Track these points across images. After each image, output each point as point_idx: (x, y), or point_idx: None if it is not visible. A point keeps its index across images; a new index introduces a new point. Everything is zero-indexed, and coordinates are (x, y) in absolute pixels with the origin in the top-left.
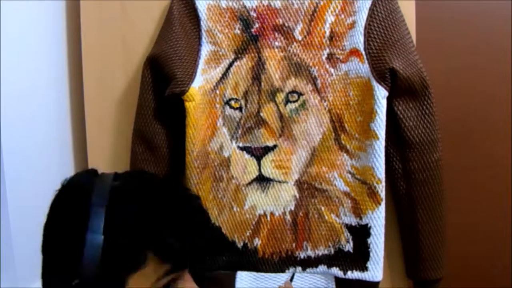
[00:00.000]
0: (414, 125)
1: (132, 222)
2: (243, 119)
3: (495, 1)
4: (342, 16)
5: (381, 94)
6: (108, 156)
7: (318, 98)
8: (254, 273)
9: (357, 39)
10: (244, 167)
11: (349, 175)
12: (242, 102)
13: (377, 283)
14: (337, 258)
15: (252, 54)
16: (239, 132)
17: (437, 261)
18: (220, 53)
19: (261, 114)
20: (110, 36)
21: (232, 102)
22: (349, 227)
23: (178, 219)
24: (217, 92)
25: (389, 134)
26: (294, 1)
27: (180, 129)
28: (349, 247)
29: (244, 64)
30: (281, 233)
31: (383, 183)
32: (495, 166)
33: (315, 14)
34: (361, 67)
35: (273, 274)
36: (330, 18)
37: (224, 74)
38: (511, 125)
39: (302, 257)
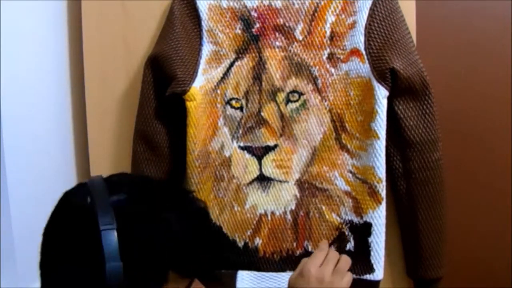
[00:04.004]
0: (415, 125)
1: (149, 244)
2: (244, 119)
3: (495, 1)
4: (343, 16)
5: (381, 94)
6: (109, 156)
7: (319, 97)
8: (255, 272)
9: (358, 39)
10: (245, 166)
11: (350, 175)
12: (243, 102)
13: (378, 282)
14: None
15: (253, 54)
16: (240, 131)
17: (437, 260)
18: (221, 53)
19: (262, 113)
20: (111, 36)
21: (233, 102)
22: (350, 226)
23: (194, 233)
24: (218, 91)
25: (390, 134)
26: (294, 1)
27: (181, 128)
28: (350, 246)
29: (245, 64)
30: (282, 233)
31: (384, 183)
32: (495, 165)
33: (316, 14)
34: (361, 67)
35: (274, 274)
36: (330, 18)
37: (225, 74)
38: (511, 125)
39: (303, 256)
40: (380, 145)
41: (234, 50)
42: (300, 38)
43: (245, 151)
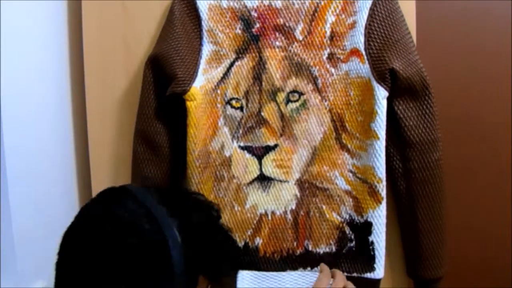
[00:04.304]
0: (414, 125)
1: (203, 256)
2: (244, 119)
3: (495, 1)
4: (343, 16)
5: (381, 94)
6: (109, 156)
7: (319, 97)
8: (256, 272)
9: (358, 39)
10: (245, 166)
11: (350, 174)
12: (243, 102)
13: (378, 280)
14: (339, 257)
15: (253, 54)
16: (240, 131)
17: (437, 260)
18: (221, 53)
19: (262, 113)
20: (111, 36)
21: (233, 102)
22: (351, 226)
23: (224, 247)
24: (218, 91)
25: (390, 134)
26: (295, 1)
27: (181, 128)
28: (350, 245)
29: (245, 64)
30: (282, 232)
31: (384, 182)
32: (495, 165)
33: (316, 14)
34: (361, 67)
35: (274, 273)
36: (330, 18)
37: (225, 74)
38: (511, 125)
39: (303, 255)
40: (380, 145)
41: (234, 50)
42: (300, 38)
43: (245, 151)
